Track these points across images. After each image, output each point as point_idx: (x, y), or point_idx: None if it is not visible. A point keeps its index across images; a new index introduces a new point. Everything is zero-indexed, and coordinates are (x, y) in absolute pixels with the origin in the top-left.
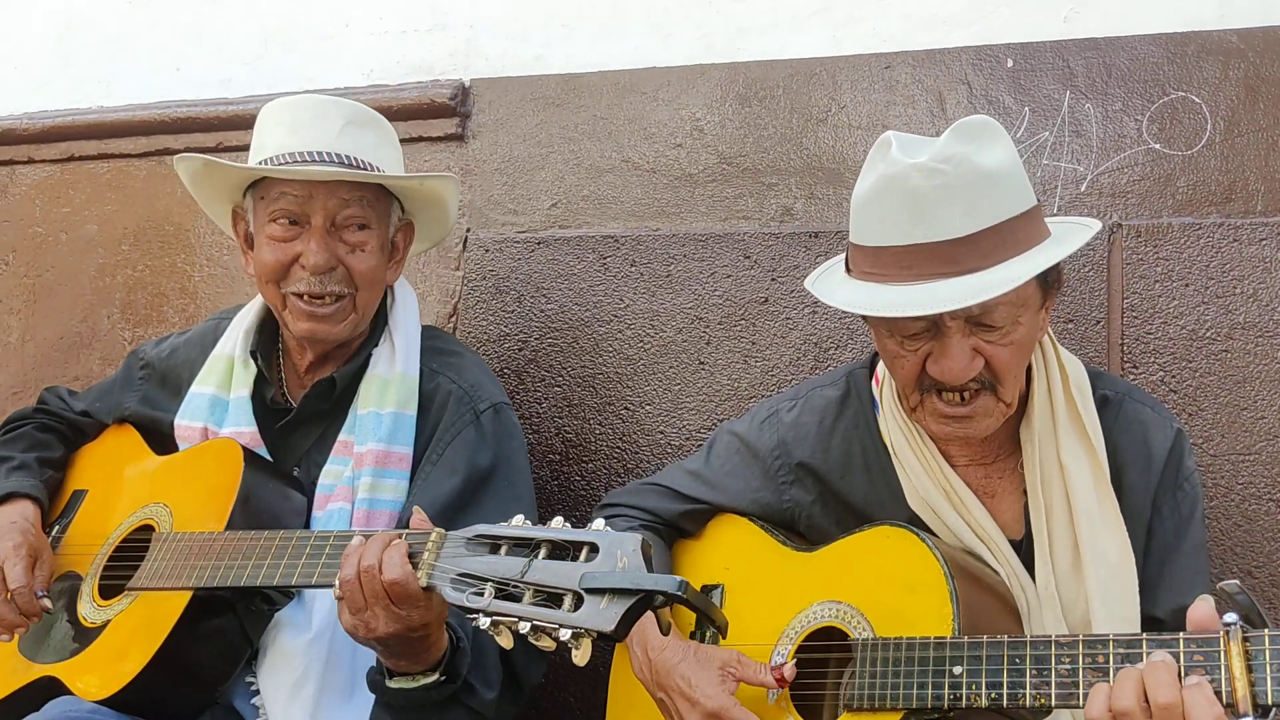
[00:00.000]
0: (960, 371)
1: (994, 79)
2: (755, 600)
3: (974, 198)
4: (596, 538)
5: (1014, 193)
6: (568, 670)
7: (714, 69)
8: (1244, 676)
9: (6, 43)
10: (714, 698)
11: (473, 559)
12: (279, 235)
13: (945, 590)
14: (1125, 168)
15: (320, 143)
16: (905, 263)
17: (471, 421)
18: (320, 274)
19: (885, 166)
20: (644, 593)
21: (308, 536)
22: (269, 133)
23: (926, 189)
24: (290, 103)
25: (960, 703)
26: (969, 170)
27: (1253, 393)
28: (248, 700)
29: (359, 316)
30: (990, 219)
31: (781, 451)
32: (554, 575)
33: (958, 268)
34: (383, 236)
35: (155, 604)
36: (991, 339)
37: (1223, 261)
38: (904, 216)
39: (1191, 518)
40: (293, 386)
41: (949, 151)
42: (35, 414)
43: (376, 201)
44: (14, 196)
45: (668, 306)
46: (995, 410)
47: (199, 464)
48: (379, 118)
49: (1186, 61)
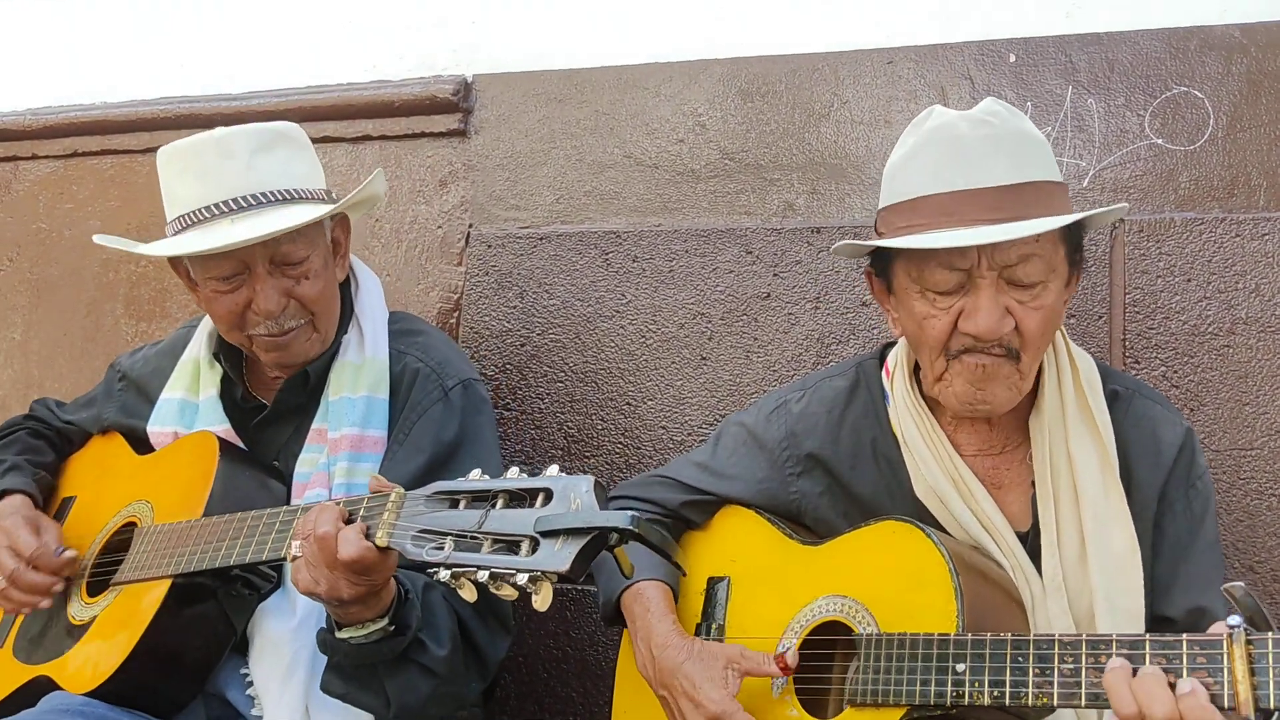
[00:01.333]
0: (994, 325)
1: (996, 74)
2: (761, 593)
3: (1019, 150)
4: (550, 483)
5: (1050, 162)
6: (571, 667)
7: (716, 64)
8: (1247, 680)
9: (9, 39)
10: (717, 702)
11: (432, 515)
12: (224, 289)
13: (950, 587)
14: (1127, 163)
15: (232, 186)
16: (947, 209)
17: (440, 399)
18: (274, 317)
19: (932, 122)
20: (596, 529)
21: (278, 512)
22: (179, 183)
23: (973, 138)
24: (188, 146)
25: (963, 700)
26: (1014, 127)
27: (1255, 388)
28: (242, 691)
29: (323, 333)
30: (1034, 174)
31: (790, 442)
32: (510, 523)
33: (1000, 214)
34: (323, 251)
35: (138, 595)
36: (1023, 299)
37: (1225, 256)
38: (946, 164)
39: (1205, 516)
40: (260, 385)
41: (995, 109)
42: (26, 421)
43: (308, 226)
44: (17, 193)
45: (670, 302)
46: (1014, 381)
47: (177, 458)
48: (282, 129)
49: (1189, 56)
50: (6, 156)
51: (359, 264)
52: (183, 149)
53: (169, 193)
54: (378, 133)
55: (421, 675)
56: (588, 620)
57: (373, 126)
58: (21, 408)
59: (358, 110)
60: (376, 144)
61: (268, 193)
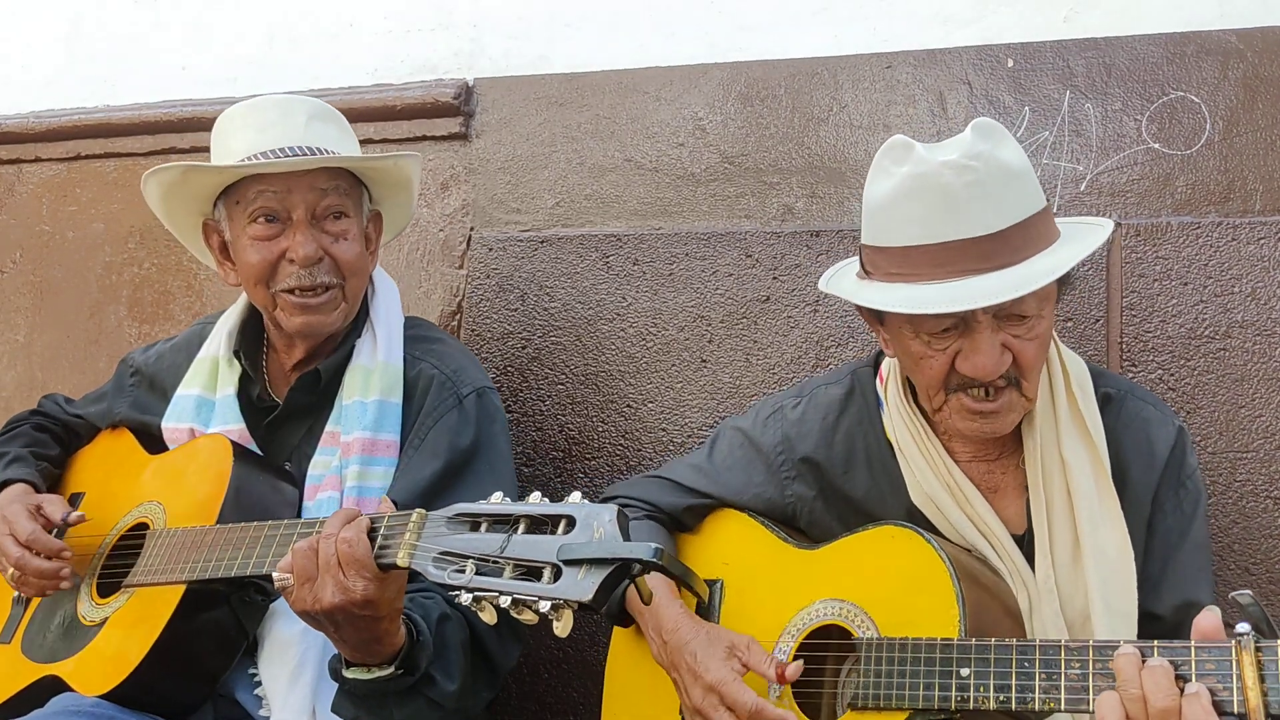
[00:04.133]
0: (992, 367)
1: (994, 78)
2: (755, 596)
3: (1003, 193)
4: (573, 510)
5: (1033, 190)
6: (571, 667)
7: (716, 68)
8: (1257, 687)
9: (13, 42)
10: (715, 671)
11: (453, 537)
12: (262, 234)
13: (951, 592)
14: (1124, 167)
15: (290, 138)
16: (939, 260)
17: (454, 406)
18: (310, 265)
19: (911, 166)
20: (620, 561)
21: (295, 524)
22: (235, 137)
23: (959, 186)
24: (251, 105)
25: (968, 704)
26: (996, 167)
27: (1250, 391)
28: (250, 691)
29: (349, 306)
30: (1018, 214)
31: (785, 447)
32: (532, 549)
33: (991, 263)
34: (361, 224)
35: (151, 599)
36: (1019, 333)
37: (1221, 260)
38: (935, 215)
39: (1194, 515)
40: (278, 384)
41: (976, 149)
42: (31, 415)
43: (351, 190)
44: (21, 195)
45: (670, 305)
46: (1019, 405)
47: (190, 461)
48: (337, 113)
49: (1186, 61)
50: (10, 159)
51: (377, 269)
52: (244, 107)
53: (224, 148)
54: (379, 136)
55: (429, 707)
56: (587, 621)
57: (374, 130)
58: (25, 409)
59: (359, 114)
60: (378, 148)
61: (323, 148)
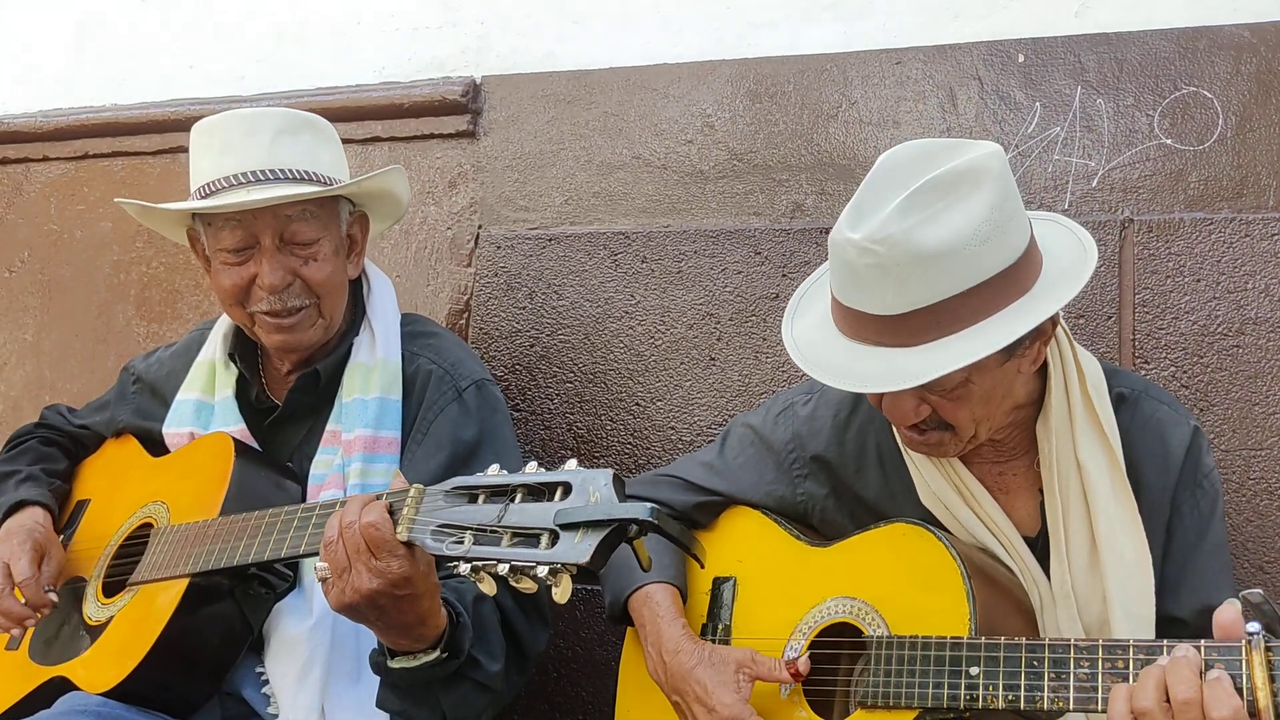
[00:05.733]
0: (900, 417)
1: (1005, 74)
2: (769, 594)
3: (906, 278)
4: (569, 476)
5: (962, 268)
6: (581, 666)
7: (724, 65)
8: (1266, 686)
9: (20, 41)
10: (730, 706)
11: (451, 510)
12: (231, 260)
13: (962, 590)
14: (1137, 163)
15: (252, 161)
16: (850, 320)
17: (454, 399)
18: (278, 292)
19: (836, 231)
20: (616, 522)
21: (295, 510)
22: (203, 156)
23: (859, 265)
24: (217, 122)
25: (976, 703)
26: (903, 252)
27: (1264, 388)
28: (258, 690)
29: (327, 320)
30: (924, 299)
31: (796, 445)
32: (529, 516)
33: (887, 340)
34: (335, 239)
35: (154, 595)
36: (932, 399)
37: (1234, 256)
38: (843, 282)
39: (1212, 515)
40: (275, 385)
41: (887, 231)
42: (37, 429)
43: (322, 208)
44: (29, 194)
45: (679, 303)
46: (957, 443)
47: (192, 459)
48: (312, 119)
49: (1198, 56)
50: (18, 159)
51: (371, 267)
52: (212, 124)
53: (194, 166)
54: (387, 134)
55: (476, 690)
56: (597, 619)
57: (382, 128)
58: (34, 408)
59: (367, 112)
60: (386, 145)
61: (286, 170)
